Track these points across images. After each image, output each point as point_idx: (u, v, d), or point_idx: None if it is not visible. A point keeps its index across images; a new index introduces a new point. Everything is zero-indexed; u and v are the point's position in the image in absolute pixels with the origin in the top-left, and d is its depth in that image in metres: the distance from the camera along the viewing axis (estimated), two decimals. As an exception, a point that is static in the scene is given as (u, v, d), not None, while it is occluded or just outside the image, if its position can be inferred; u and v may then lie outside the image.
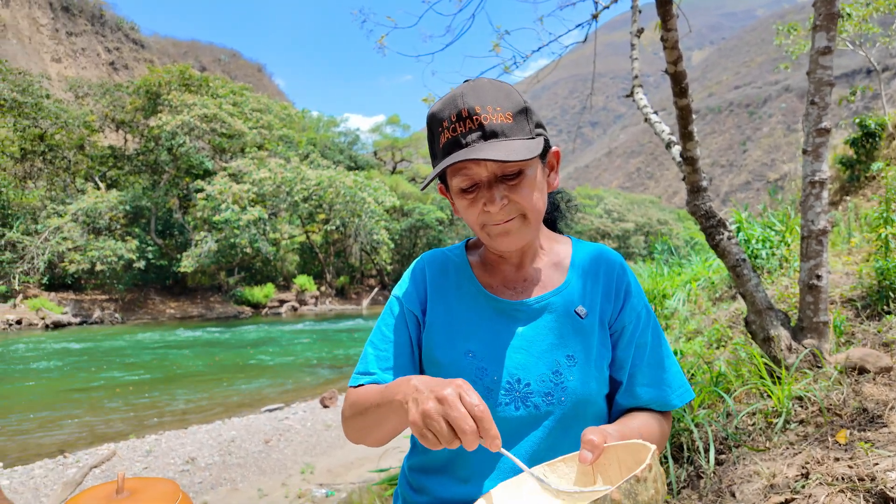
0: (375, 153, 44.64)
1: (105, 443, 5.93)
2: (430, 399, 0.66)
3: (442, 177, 0.93)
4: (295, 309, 27.21)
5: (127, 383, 9.50)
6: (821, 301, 2.29)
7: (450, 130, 0.83)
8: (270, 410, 7.54)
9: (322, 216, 28.27)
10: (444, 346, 0.94)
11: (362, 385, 0.93)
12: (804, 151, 2.33)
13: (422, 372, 0.99)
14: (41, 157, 25.07)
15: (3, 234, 20.77)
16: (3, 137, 23.96)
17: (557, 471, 0.75)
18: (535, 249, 0.99)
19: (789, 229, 4.94)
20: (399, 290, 1.01)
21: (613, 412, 0.98)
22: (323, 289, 30.89)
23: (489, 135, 0.81)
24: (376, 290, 33.44)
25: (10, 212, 22.24)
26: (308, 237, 30.48)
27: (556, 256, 1.00)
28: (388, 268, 34.66)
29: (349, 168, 34.91)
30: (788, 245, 4.84)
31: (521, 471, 0.81)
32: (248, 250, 24.19)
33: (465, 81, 0.88)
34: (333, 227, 27.73)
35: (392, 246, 30.47)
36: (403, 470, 1.03)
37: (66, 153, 25.41)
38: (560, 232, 1.10)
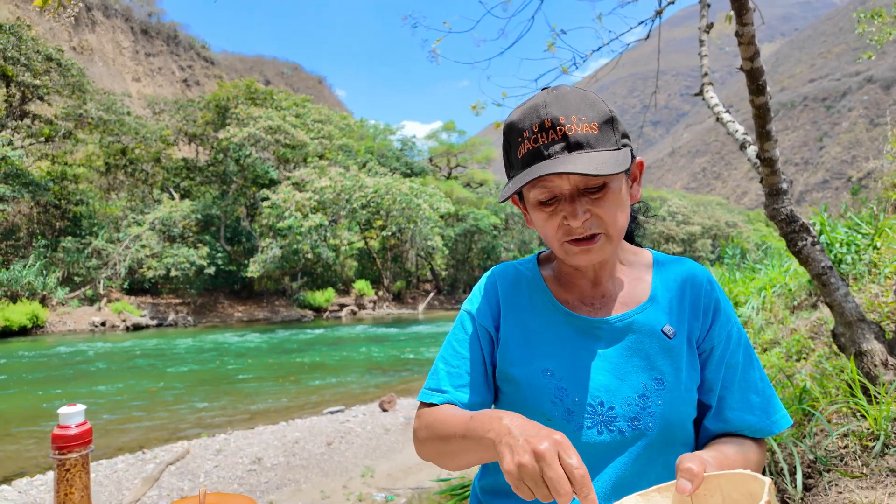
0: (431, 159, 45.08)
1: (179, 440, 6.25)
2: (526, 452, 0.63)
3: None
4: (354, 313, 27.84)
5: (198, 383, 10.00)
6: (922, 313, 2.08)
7: (531, 141, 0.79)
8: (332, 413, 7.71)
9: (379, 222, 28.83)
10: (521, 363, 0.90)
11: (434, 404, 0.90)
12: (900, 149, 2.13)
13: (496, 390, 0.96)
14: (123, 170, 26.98)
15: (90, 243, 22.47)
16: (90, 153, 25.98)
17: (651, 500, 0.68)
18: (614, 263, 0.93)
19: (878, 232, 4.55)
20: (470, 305, 0.98)
21: (701, 437, 0.91)
22: (380, 293, 31.44)
23: (574, 146, 0.77)
24: (432, 294, 33.68)
25: (95, 221, 24.06)
26: (366, 243, 31.14)
27: (636, 271, 0.94)
28: (443, 273, 34.85)
29: (405, 175, 35.43)
30: (877, 249, 4.46)
31: (608, 494, 0.76)
32: (310, 256, 24.99)
33: (544, 89, 0.84)
34: (390, 234, 28.21)
35: (446, 252, 30.64)
36: (475, 491, 1.00)
37: (145, 166, 27.22)
38: (638, 244, 1.04)
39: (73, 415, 0.60)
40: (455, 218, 34.13)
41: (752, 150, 2.59)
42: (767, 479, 0.57)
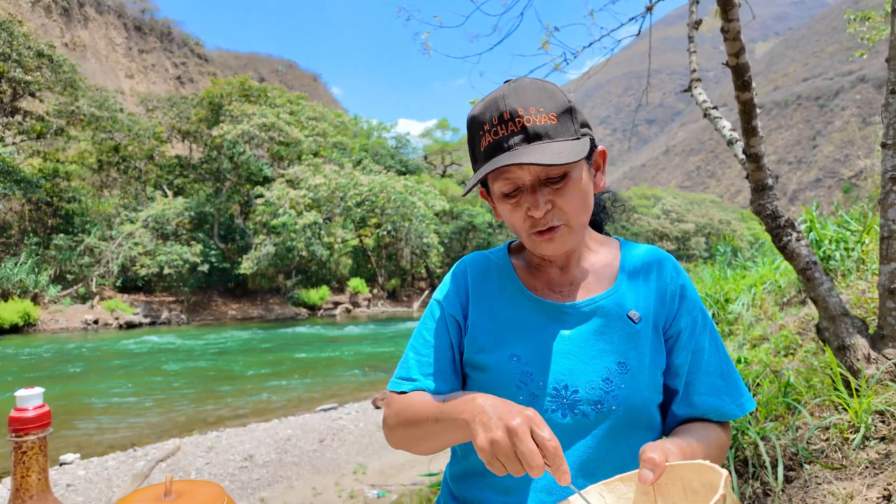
0: (426, 157, 45.07)
1: (171, 438, 6.23)
2: (499, 428, 0.65)
3: (483, 181, 0.90)
4: (349, 311, 27.81)
5: (191, 381, 9.97)
6: (904, 307, 2.10)
7: (491, 134, 0.80)
8: (325, 410, 7.71)
9: (374, 220, 28.80)
10: (488, 350, 0.91)
11: (405, 392, 0.91)
12: (884, 145, 2.15)
13: (464, 377, 0.97)
14: (116, 168, 26.82)
15: (83, 240, 22.33)
16: (82, 150, 25.81)
17: (615, 490, 0.70)
18: (581, 251, 0.95)
19: (867, 229, 4.59)
20: (440, 293, 0.99)
21: (668, 422, 0.92)
22: (375, 291, 31.42)
23: (532, 137, 0.78)
24: (427, 292, 33.69)
25: (88, 219, 23.91)
26: (361, 241, 31.11)
27: (604, 258, 0.96)
28: (438, 270, 34.87)
29: (400, 172, 35.40)
30: (866, 246, 4.50)
31: (572, 476, 0.76)
32: (304, 254, 24.94)
33: (506, 82, 0.85)
34: (385, 232, 28.19)
35: (441, 249, 30.66)
36: (445, 478, 1.01)
37: (138, 163, 27.07)
38: (607, 234, 1.06)
39: (30, 397, 0.60)
40: (450, 216, 34.15)
41: (739, 147, 2.60)
42: (724, 472, 0.58)
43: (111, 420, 7.28)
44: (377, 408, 7.77)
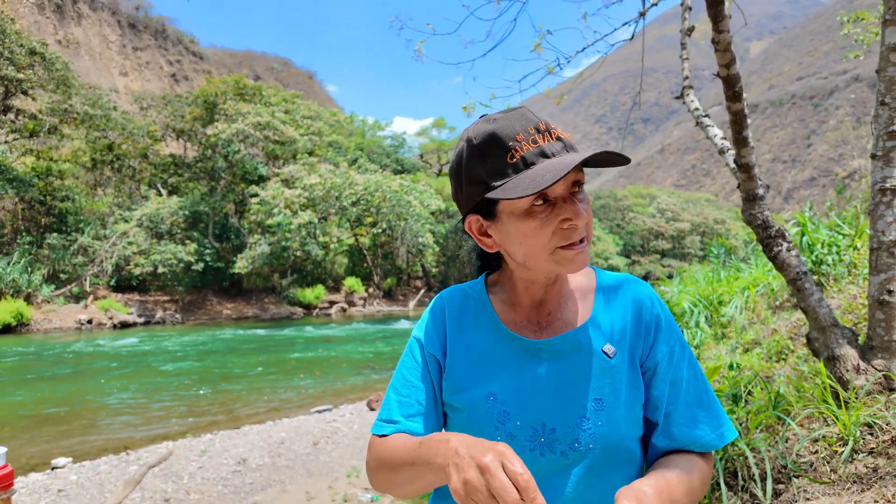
0: (422, 156, 45.03)
1: (164, 441, 6.21)
2: (471, 467, 0.65)
3: (472, 208, 0.86)
4: (344, 310, 27.78)
5: (185, 382, 9.93)
6: (893, 318, 2.10)
7: (529, 142, 0.78)
8: (319, 412, 7.69)
9: (370, 220, 28.78)
10: (465, 388, 0.90)
11: (386, 435, 0.90)
12: (873, 156, 2.15)
13: (444, 416, 0.96)
14: (109, 166, 26.69)
15: (76, 240, 22.21)
16: (76, 148, 25.66)
17: None
18: (560, 283, 0.93)
19: (859, 233, 4.60)
20: (419, 330, 0.98)
21: (649, 455, 0.91)
22: (371, 290, 31.39)
23: (569, 147, 0.79)
24: (422, 291, 33.69)
25: (82, 218, 23.79)
26: (356, 240, 31.08)
27: (578, 289, 0.94)
28: (434, 270, 34.87)
29: (396, 171, 35.35)
30: (858, 249, 4.51)
31: None
32: (299, 253, 24.90)
33: (482, 116, 0.85)
34: (381, 231, 28.16)
35: (437, 249, 30.65)
36: None
37: (132, 162, 26.94)
38: None
39: (-8, 457, 0.59)
40: (445, 215, 34.13)
41: (730, 156, 2.60)
42: None
43: (104, 421, 7.25)
44: (372, 409, 7.76)
